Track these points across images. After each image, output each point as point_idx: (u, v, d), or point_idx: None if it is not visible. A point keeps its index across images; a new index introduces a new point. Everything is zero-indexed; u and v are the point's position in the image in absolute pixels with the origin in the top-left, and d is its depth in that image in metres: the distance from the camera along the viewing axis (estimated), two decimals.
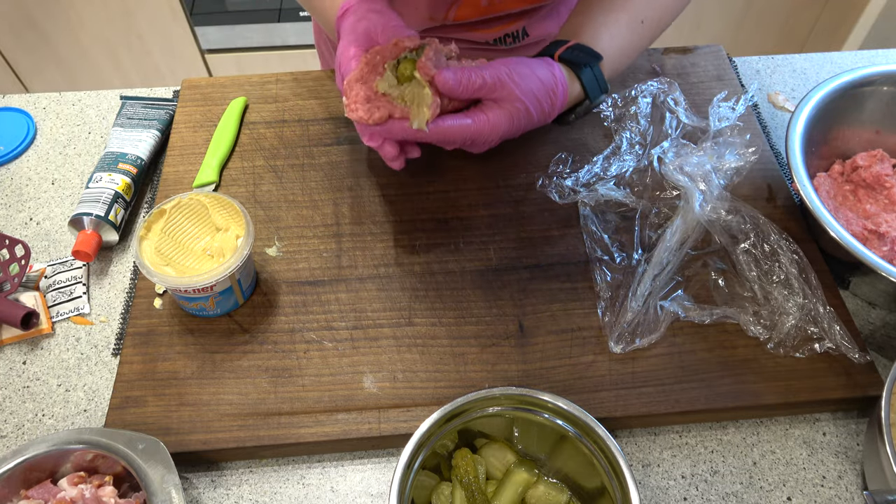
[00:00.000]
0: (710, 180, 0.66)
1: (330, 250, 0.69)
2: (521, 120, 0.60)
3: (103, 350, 0.66)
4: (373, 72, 0.56)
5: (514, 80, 0.58)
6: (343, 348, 0.63)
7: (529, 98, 0.59)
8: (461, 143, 0.60)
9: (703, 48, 0.86)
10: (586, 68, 0.63)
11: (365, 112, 0.56)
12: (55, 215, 0.76)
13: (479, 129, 0.58)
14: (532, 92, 0.59)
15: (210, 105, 0.82)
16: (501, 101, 0.59)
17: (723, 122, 0.72)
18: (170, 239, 0.62)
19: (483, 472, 0.55)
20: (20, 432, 0.61)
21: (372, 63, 0.56)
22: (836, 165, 0.75)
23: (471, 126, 0.58)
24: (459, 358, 0.62)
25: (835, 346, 0.61)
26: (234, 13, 1.76)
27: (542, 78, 0.60)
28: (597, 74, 0.64)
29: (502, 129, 0.59)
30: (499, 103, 0.59)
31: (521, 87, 0.58)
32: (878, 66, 0.73)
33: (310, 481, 0.59)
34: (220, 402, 0.60)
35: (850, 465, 0.59)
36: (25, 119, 0.85)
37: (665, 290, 0.64)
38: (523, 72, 0.59)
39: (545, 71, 0.61)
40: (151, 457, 0.52)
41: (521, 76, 0.59)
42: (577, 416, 0.51)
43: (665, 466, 0.59)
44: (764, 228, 0.67)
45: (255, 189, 0.74)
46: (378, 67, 0.56)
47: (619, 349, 0.61)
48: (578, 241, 0.69)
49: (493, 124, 0.58)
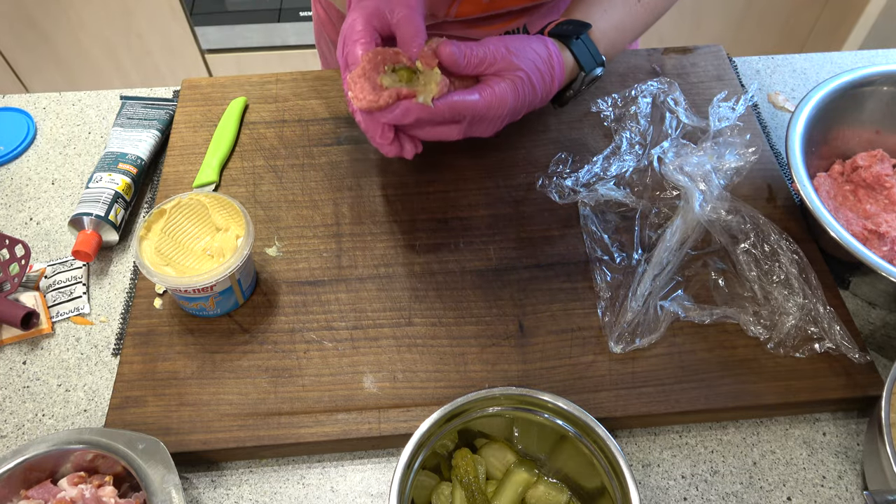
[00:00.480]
0: (710, 180, 0.66)
1: (330, 250, 0.69)
2: (525, 91, 0.60)
3: (103, 350, 0.66)
4: (375, 69, 0.56)
5: (514, 52, 0.59)
6: (343, 348, 0.63)
7: (530, 67, 0.59)
8: (469, 122, 0.60)
9: (703, 48, 0.86)
10: (577, 39, 0.64)
11: (373, 95, 0.55)
12: (55, 215, 0.76)
13: (487, 103, 0.58)
14: (532, 62, 0.60)
15: (210, 105, 0.82)
16: (504, 73, 0.59)
17: (723, 122, 0.72)
18: (170, 239, 0.62)
19: (483, 472, 0.55)
20: (20, 432, 0.61)
21: (374, 62, 0.56)
22: (836, 165, 0.75)
23: (478, 101, 0.58)
24: (459, 358, 0.62)
25: (835, 346, 0.61)
26: (234, 13, 1.76)
27: (538, 50, 0.61)
28: (588, 45, 0.64)
29: (509, 101, 0.59)
30: (501, 76, 0.59)
31: (520, 58, 0.59)
32: (878, 66, 0.73)
33: (310, 481, 0.59)
34: (220, 402, 0.60)
35: (850, 465, 0.59)
36: (25, 119, 0.85)
37: (665, 290, 0.64)
38: (519, 45, 0.60)
39: (539, 44, 0.61)
40: (151, 457, 0.52)
41: (519, 49, 0.59)
42: (577, 416, 0.51)
43: (665, 466, 0.59)
44: (764, 228, 0.67)
45: (255, 189, 0.74)
46: (379, 67, 0.56)
47: (619, 349, 0.61)
48: (578, 241, 0.69)
49: (499, 97, 0.58)
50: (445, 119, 0.58)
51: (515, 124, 0.78)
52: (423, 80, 0.56)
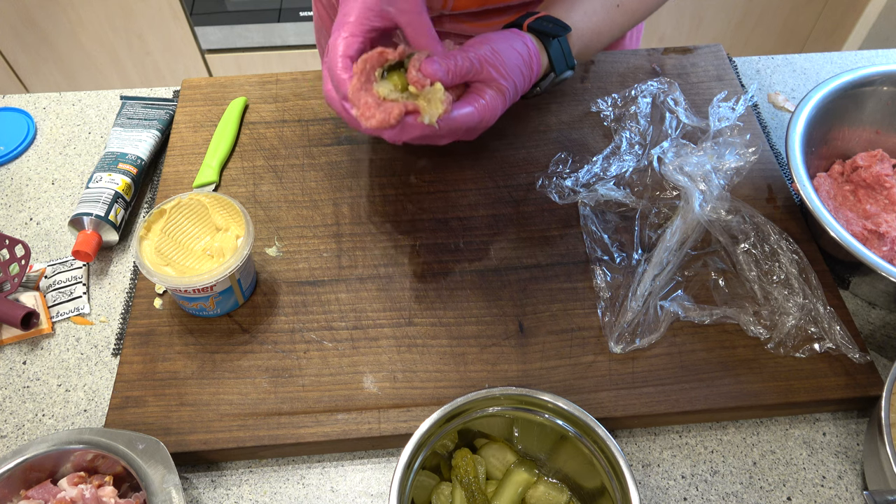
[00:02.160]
0: (710, 180, 0.66)
1: (330, 250, 0.69)
2: (510, 98, 0.60)
3: (103, 350, 0.66)
4: (368, 80, 0.55)
5: (500, 59, 0.58)
6: (343, 348, 0.63)
7: (515, 74, 0.59)
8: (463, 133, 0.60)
9: (703, 48, 0.86)
10: (555, 40, 0.63)
11: (383, 114, 0.53)
12: (55, 215, 0.76)
13: (481, 115, 0.58)
14: (517, 67, 0.60)
15: (210, 105, 0.82)
16: (490, 82, 0.58)
17: (723, 122, 0.72)
18: (170, 239, 0.62)
19: (483, 472, 0.55)
20: (20, 432, 0.61)
21: (364, 71, 0.55)
22: (836, 165, 0.75)
23: (473, 113, 0.57)
24: (459, 358, 0.62)
25: (835, 346, 0.61)
26: (234, 13, 1.76)
27: (520, 52, 0.60)
28: (564, 48, 0.64)
29: (499, 110, 0.59)
30: (489, 84, 0.58)
31: (506, 65, 0.59)
32: (878, 66, 0.73)
33: (310, 481, 0.59)
34: (220, 402, 0.60)
35: (850, 465, 0.59)
36: (25, 119, 0.85)
37: (665, 290, 0.64)
38: (503, 48, 0.59)
39: (520, 44, 0.61)
40: (151, 457, 0.52)
41: (503, 53, 0.59)
42: (577, 416, 0.51)
43: (665, 466, 0.59)
44: (764, 228, 0.67)
45: (255, 189, 0.74)
46: (371, 75, 0.56)
47: (619, 349, 0.61)
48: (578, 241, 0.69)
49: (491, 107, 0.58)
50: (443, 135, 0.58)
51: (515, 124, 0.79)
52: (425, 95, 0.55)
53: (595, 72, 0.84)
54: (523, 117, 0.79)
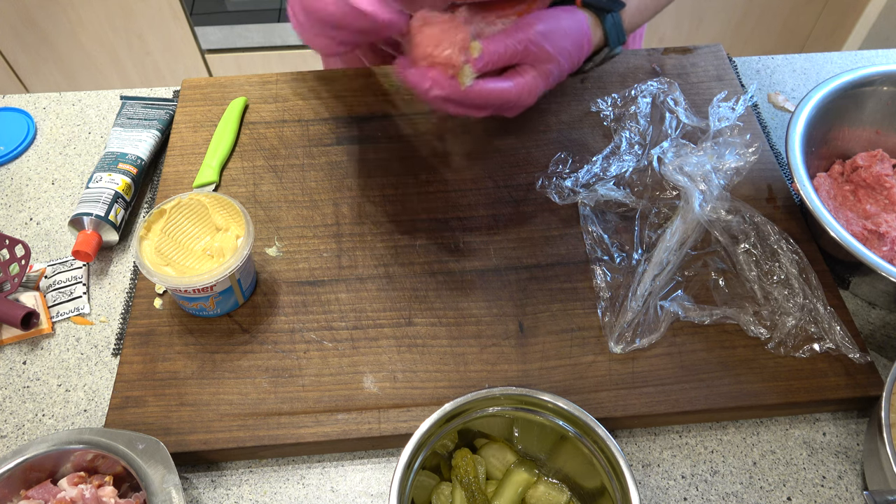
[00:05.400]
0: (710, 180, 0.66)
1: (330, 250, 0.69)
2: (555, 77, 0.60)
3: (103, 350, 0.66)
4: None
5: (550, 40, 0.58)
6: (343, 348, 0.63)
7: (564, 56, 0.60)
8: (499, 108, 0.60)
9: (703, 48, 0.86)
10: (609, 15, 0.63)
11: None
12: (55, 215, 0.76)
13: (518, 93, 0.58)
14: (566, 49, 0.60)
15: (210, 105, 0.82)
16: (538, 64, 0.59)
17: (723, 122, 0.72)
18: (170, 239, 0.62)
19: (483, 472, 0.55)
20: (20, 432, 0.61)
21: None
22: (836, 165, 0.75)
23: (511, 89, 0.58)
24: (459, 358, 0.62)
25: (835, 346, 0.61)
26: (234, 13, 1.76)
27: (570, 33, 0.60)
28: (617, 22, 0.64)
29: (540, 89, 0.60)
30: (535, 66, 0.59)
31: (556, 47, 0.59)
32: (878, 66, 0.73)
33: (310, 481, 0.59)
34: (220, 402, 0.60)
35: (850, 465, 0.59)
36: (25, 119, 0.85)
37: (665, 290, 0.64)
38: (555, 28, 0.59)
39: (574, 23, 0.61)
40: (151, 457, 0.52)
41: (555, 33, 0.59)
42: (577, 416, 0.51)
43: (665, 466, 0.59)
44: (764, 228, 0.67)
45: (255, 189, 0.74)
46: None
47: (619, 349, 0.61)
48: (578, 241, 0.69)
49: (531, 87, 0.59)
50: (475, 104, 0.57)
51: (515, 124, 0.79)
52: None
53: (595, 72, 0.84)
54: (523, 117, 0.79)
